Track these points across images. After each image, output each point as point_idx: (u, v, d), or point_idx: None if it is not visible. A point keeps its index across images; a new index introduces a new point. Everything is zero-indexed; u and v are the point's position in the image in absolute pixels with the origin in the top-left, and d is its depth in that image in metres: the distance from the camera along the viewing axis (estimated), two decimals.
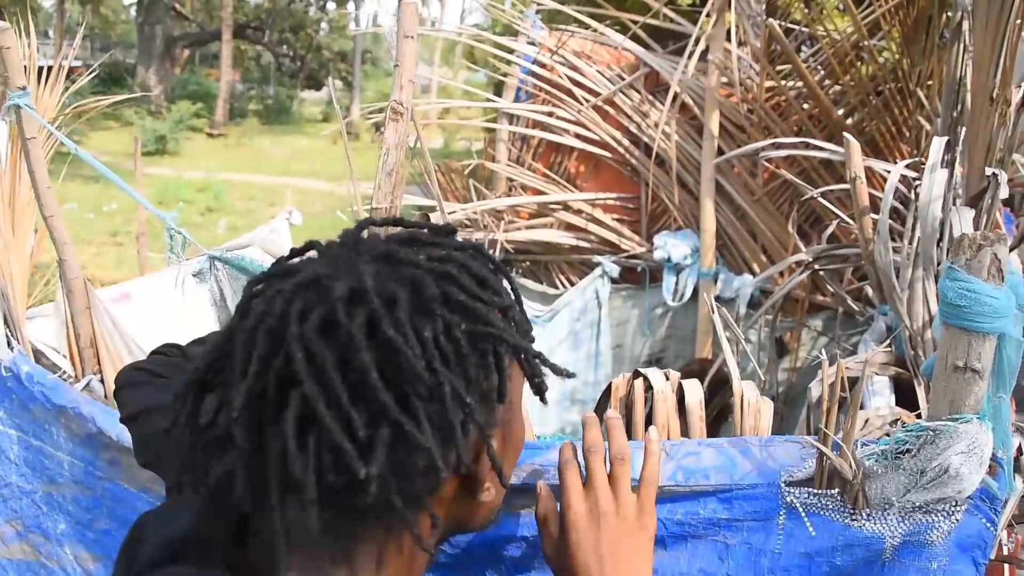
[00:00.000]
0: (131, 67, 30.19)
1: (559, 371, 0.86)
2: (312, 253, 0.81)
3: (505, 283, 0.84)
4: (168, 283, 3.17)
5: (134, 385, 1.18)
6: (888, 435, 1.12)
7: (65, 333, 2.06)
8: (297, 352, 0.68)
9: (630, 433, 1.37)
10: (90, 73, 2.44)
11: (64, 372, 2.11)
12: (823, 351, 3.29)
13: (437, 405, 0.71)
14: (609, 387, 1.47)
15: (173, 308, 3.15)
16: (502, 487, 0.86)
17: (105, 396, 2.00)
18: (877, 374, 1.88)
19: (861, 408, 1.86)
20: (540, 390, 0.85)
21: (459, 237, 0.85)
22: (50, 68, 1.99)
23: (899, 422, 1.68)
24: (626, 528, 0.97)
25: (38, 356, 2.07)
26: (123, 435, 1.66)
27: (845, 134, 1.99)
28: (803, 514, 1.11)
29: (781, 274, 3.21)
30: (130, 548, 0.84)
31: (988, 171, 1.66)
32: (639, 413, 1.37)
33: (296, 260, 0.81)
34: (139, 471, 1.80)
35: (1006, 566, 1.66)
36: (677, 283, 3.71)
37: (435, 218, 1.31)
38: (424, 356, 0.70)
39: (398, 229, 0.86)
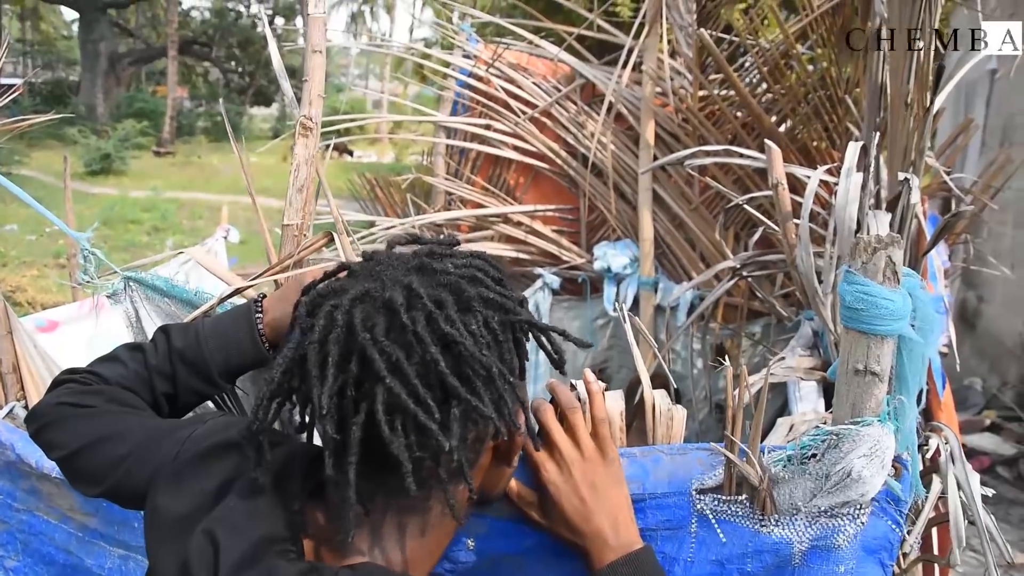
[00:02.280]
0: (74, 85, 29.66)
1: (581, 343, 1.04)
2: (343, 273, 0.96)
3: None
4: (95, 310, 3.11)
5: (64, 420, 1.13)
6: (794, 439, 1.13)
7: None
8: (374, 354, 0.82)
9: None
10: (16, 90, 2.37)
11: None
12: (752, 363, 3.33)
13: (490, 383, 0.86)
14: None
15: (100, 337, 3.10)
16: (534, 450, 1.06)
17: None
18: (803, 379, 1.90)
19: (788, 414, 1.88)
20: (559, 364, 0.99)
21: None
22: None
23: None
24: (594, 467, 1.07)
25: None
26: (43, 461, 1.60)
27: (767, 141, 2.01)
28: (714, 521, 1.11)
29: (717, 279, 3.23)
30: (202, 557, 0.89)
31: (901, 176, 1.68)
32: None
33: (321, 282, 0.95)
34: (59, 499, 1.74)
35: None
36: (618, 293, 3.73)
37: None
38: (476, 344, 0.86)
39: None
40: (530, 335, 0.97)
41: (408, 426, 0.83)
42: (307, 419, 0.93)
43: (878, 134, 1.84)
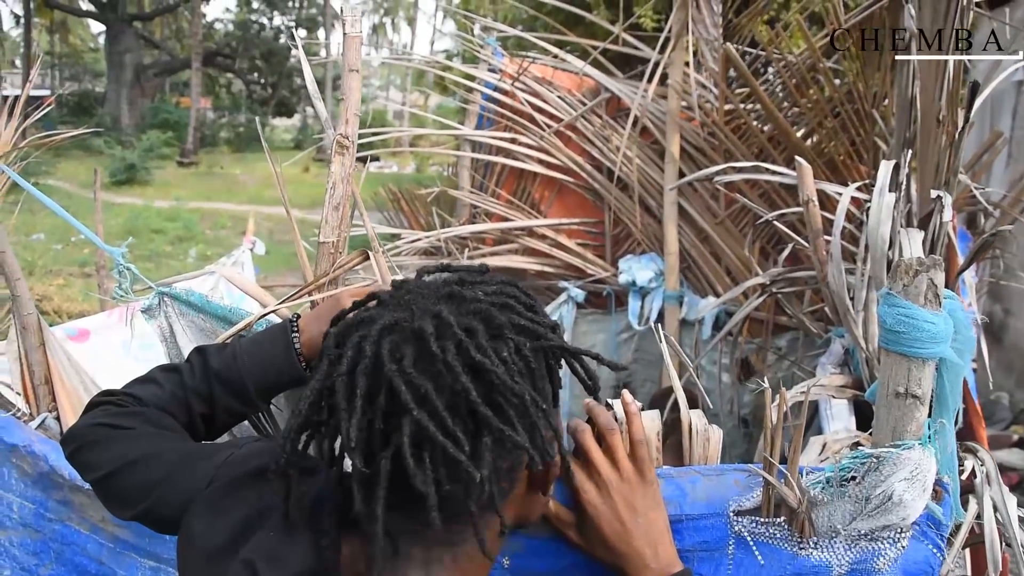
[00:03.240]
0: (100, 96, 30.03)
1: (615, 366, 1.03)
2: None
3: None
4: (125, 319, 3.14)
5: (100, 442, 1.13)
6: (834, 461, 1.12)
7: (19, 370, 2.02)
8: (401, 386, 0.80)
9: None
10: (49, 103, 2.40)
11: (18, 410, 2.06)
12: (777, 376, 3.30)
13: (523, 411, 0.84)
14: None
15: (132, 344, 3.13)
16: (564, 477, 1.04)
17: (61, 433, 1.96)
18: (834, 397, 1.89)
19: (820, 433, 1.87)
20: (593, 389, 1.00)
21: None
22: (16, 98, 1.96)
23: (857, 445, 1.68)
24: (633, 489, 1.07)
25: None
26: (75, 473, 1.62)
27: (797, 158, 2.00)
28: (752, 544, 1.10)
29: (744, 295, 3.22)
30: None
31: (934, 193, 1.67)
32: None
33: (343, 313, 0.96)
34: (91, 511, 1.76)
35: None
36: (643, 307, 3.71)
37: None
38: (508, 372, 0.84)
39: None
40: (562, 361, 0.96)
41: (437, 458, 0.81)
42: (336, 451, 0.91)
43: (909, 152, 1.83)
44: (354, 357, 0.84)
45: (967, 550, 1.56)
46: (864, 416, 1.87)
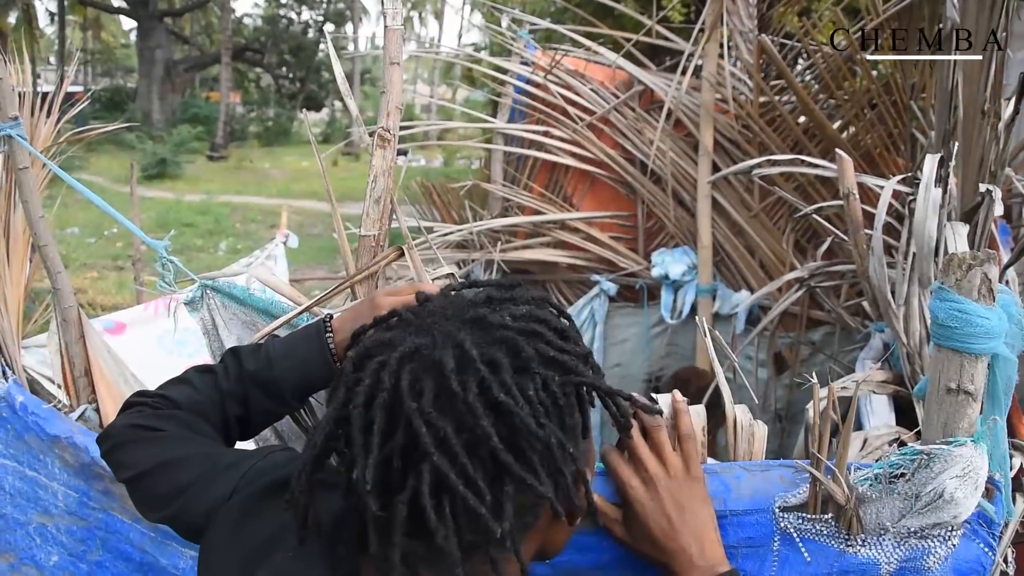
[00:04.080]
0: (132, 91, 30.35)
1: (649, 408, 1.03)
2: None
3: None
4: (162, 312, 3.18)
5: (134, 443, 1.14)
6: (882, 457, 1.11)
7: (59, 362, 2.05)
8: (421, 427, 0.75)
9: None
10: (84, 100, 2.43)
11: (59, 402, 2.09)
12: (814, 372, 3.27)
13: (548, 456, 0.79)
14: None
15: (167, 337, 3.16)
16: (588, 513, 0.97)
17: (100, 425, 1.99)
18: (875, 392, 1.87)
19: (859, 428, 1.85)
20: (625, 427, 0.97)
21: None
22: (53, 94, 1.98)
23: (898, 441, 1.66)
24: (680, 484, 1.05)
25: (33, 386, 2.06)
26: None
27: (837, 150, 1.98)
28: (798, 540, 1.10)
29: (779, 289, 3.19)
30: None
31: (982, 187, 1.65)
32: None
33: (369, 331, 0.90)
34: (131, 502, 1.79)
35: None
36: (675, 300, 3.70)
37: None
38: (532, 413, 0.78)
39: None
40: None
41: (457, 507, 0.76)
42: (352, 482, 0.84)
43: (956, 144, 1.80)
44: (371, 387, 0.79)
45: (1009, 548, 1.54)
46: (902, 412, 1.85)
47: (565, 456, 0.80)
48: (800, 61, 3.74)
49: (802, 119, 3.44)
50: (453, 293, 0.93)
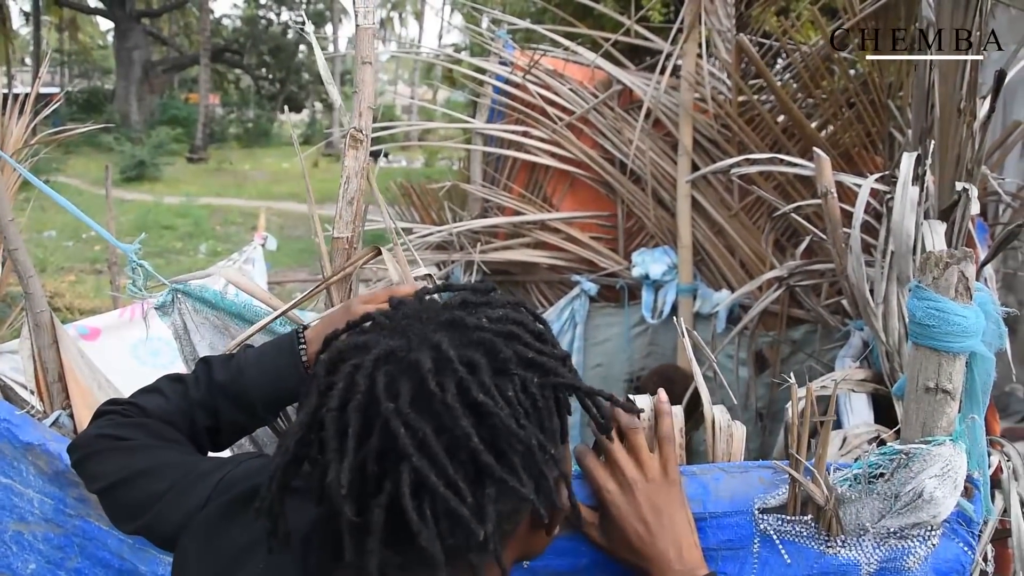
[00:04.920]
0: (109, 93, 30.13)
1: (630, 408, 1.01)
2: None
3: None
4: (138, 318, 3.14)
5: (104, 452, 1.12)
6: (860, 457, 1.10)
7: (32, 368, 2.01)
8: (400, 429, 0.73)
9: None
10: (58, 100, 2.39)
11: (32, 408, 2.06)
12: (793, 371, 3.28)
13: (529, 458, 0.77)
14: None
15: (141, 347, 3.12)
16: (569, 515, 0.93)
17: (75, 431, 1.96)
18: (854, 391, 1.87)
19: (839, 427, 1.85)
20: (605, 428, 0.96)
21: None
22: (26, 96, 1.95)
23: (877, 439, 1.66)
24: (657, 488, 1.03)
25: (6, 392, 2.02)
26: None
27: (815, 149, 1.98)
28: (778, 542, 1.09)
29: (759, 288, 3.20)
30: None
31: (959, 186, 1.65)
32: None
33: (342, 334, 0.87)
34: None
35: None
36: (656, 300, 3.70)
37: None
38: (513, 415, 0.76)
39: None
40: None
41: (438, 510, 0.74)
42: (326, 488, 0.80)
43: (933, 143, 1.80)
44: (345, 390, 0.77)
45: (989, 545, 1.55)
46: (881, 410, 1.85)
47: (546, 458, 0.79)
48: (779, 60, 3.75)
49: (781, 118, 3.45)
50: (427, 297, 0.91)
